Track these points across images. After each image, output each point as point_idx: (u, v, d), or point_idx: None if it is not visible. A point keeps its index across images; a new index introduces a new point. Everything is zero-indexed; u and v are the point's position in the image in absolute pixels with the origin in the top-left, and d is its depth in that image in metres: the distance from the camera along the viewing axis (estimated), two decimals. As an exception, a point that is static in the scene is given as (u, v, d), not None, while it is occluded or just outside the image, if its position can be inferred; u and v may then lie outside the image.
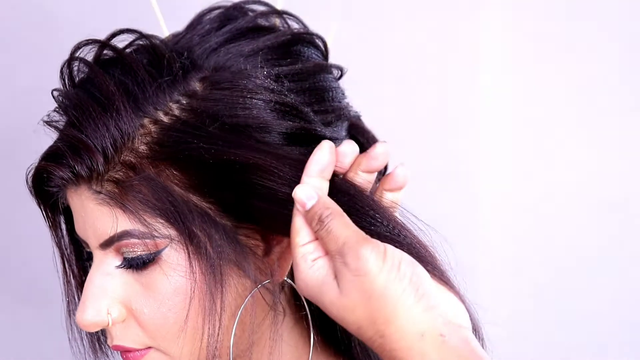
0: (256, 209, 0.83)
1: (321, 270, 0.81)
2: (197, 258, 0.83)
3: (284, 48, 0.90)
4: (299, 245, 0.82)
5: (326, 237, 0.80)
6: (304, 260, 0.81)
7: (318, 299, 0.81)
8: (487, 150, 1.50)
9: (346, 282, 0.78)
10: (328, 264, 0.81)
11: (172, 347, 0.85)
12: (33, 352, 1.44)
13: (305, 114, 0.87)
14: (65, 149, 0.83)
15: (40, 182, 0.86)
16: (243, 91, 0.84)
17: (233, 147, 0.82)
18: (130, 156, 0.83)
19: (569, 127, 1.49)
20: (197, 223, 0.83)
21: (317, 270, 0.81)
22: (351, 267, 0.78)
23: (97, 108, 0.83)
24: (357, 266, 0.77)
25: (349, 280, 0.78)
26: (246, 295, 0.86)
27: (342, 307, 0.79)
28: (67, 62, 0.87)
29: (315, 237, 0.82)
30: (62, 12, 1.39)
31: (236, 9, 0.92)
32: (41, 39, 1.38)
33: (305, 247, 0.82)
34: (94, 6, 1.41)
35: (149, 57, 0.85)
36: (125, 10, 1.37)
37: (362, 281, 0.78)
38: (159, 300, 0.84)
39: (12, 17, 1.40)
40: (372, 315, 0.78)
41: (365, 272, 0.77)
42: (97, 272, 0.86)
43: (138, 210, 0.83)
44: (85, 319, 0.85)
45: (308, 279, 0.81)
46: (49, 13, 1.39)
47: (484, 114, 1.50)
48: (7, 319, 1.43)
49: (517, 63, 1.49)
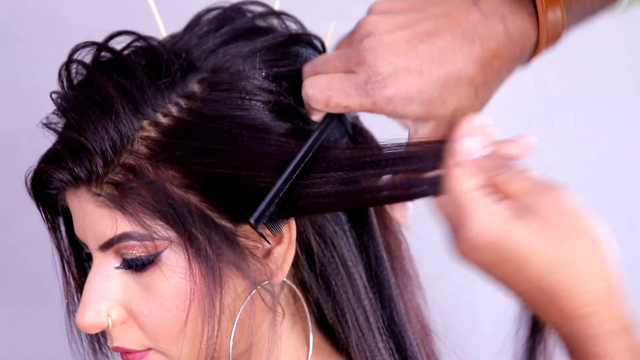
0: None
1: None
2: (196, 260, 0.83)
3: (281, 49, 0.90)
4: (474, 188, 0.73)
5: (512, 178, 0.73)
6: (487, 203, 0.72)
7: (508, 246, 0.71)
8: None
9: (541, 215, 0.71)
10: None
11: (172, 348, 0.85)
12: (34, 352, 1.44)
13: (303, 114, 0.87)
14: (64, 151, 0.83)
15: (40, 184, 0.86)
16: (241, 92, 0.85)
17: (232, 148, 0.83)
18: (130, 158, 0.83)
19: (569, 127, 1.49)
20: (197, 225, 0.83)
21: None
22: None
23: (95, 110, 0.83)
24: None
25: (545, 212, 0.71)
26: (245, 297, 0.86)
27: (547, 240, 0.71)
28: (65, 64, 0.87)
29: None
30: (62, 12, 1.40)
31: (234, 10, 0.92)
32: (41, 39, 1.38)
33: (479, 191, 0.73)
34: (94, 7, 1.41)
35: (147, 59, 0.86)
36: (127, 10, 1.37)
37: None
38: (159, 301, 0.84)
39: (12, 17, 1.40)
40: None
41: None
42: (96, 274, 0.86)
43: (137, 213, 0.83)
44: (85, 321, 0.85)
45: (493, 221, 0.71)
46: (49, 13, 1.40)
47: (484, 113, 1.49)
48: (7, 319, 1.43)
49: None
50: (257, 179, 0.83)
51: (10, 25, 1.40)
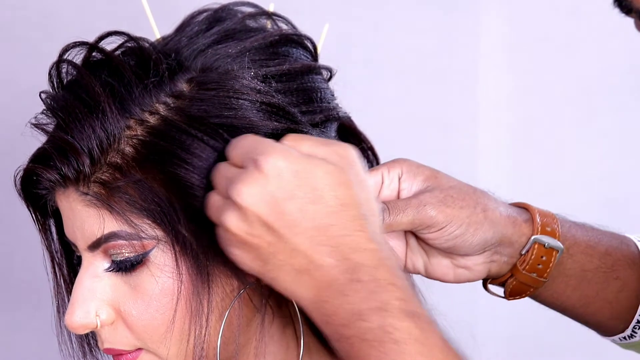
0: None
1: None
2: (183, 258, 0.83)
3: (271, 49, 0.89)
4: None
5: None
6: None
7: None
8: (486, 150, 1.50)
9: None
10: None
11: (160, 348, 0.85)
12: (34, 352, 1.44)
13: (292, 114, 0.87)
14: (52, 150, 0.83)
15: (29, 184, 0.87)
16: (229, 92, 0.84)
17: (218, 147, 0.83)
18: (117, 157, 0.83)
19: (569, 127, 1.49)
20: (184, 223, 0.83)
21: None
22: None
23: (83, 109, 0.83)
24: None
25: None
26: (234, 297, 0.86)
27: None
28: (56, 64, 0.87)
29: None
30: (62, 12, 1.40)
31: (225, 10, 0.91)
32: (41, 39, 1.39)
33: None
34: (94, 7, 1.41)
35: (136, 59, 0.85)
36: (125, 11, 1.37)
37: None
38: (147, 301, 0.84)
39: (12, 17, 1.40)
40: None
41: None
42: (85, 275, 0.86)
43: (125, 211, 0.83)
44: (73, 321, 0.85)
45: None
46: (49, 13, 1.40)
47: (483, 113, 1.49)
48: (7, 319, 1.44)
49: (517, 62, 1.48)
50: None
51: (10, 25, 1.40)
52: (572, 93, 1.48)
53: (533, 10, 1.47)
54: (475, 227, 0.88)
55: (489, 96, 1.49)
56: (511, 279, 0.92)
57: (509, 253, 0.91)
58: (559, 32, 1.46)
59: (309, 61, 0.93)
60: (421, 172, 0.91)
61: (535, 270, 0.91)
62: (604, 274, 0.94)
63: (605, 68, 1.46)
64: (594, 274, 0.94)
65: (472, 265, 0.91)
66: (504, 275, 0.93)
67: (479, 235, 0.88)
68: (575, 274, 0.93)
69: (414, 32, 1.47)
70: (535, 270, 0.91)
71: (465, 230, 0.88)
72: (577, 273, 0.93)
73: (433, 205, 0.87)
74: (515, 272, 0.91)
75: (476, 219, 0.88)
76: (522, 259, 0.91)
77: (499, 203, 0.91)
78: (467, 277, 0.92)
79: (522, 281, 0.91)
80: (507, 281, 0.93)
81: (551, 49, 1.46)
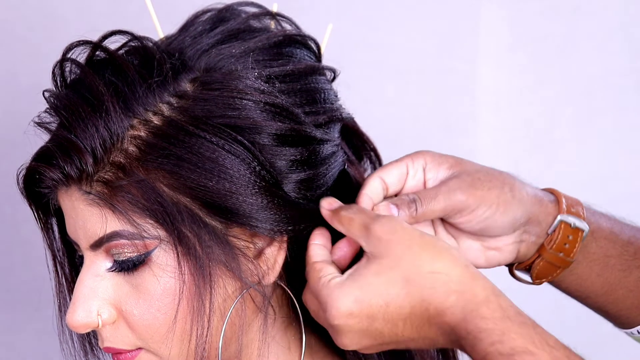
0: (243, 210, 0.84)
1: None
2: (186, 259, 0.83)
3: (275, 49, 0.89)
4: None
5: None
6: None
7: None
8: (486, 150, 1.50)
9: None
10: None
11: (161, 348, 0.85)
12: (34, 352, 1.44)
13: (295, 115, 0.87)
14: (55, 149, 0.83)
15: (32, 183, 0.86)
16: (233, 92, 0.84)
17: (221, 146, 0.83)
18: (120, 157, 0.83)
19: (569, 127, 1.49)
20: (186, 223, 0.83)
21: None
22: None
23: (86, 108, 0.83)
24: None
25: None
26: (236, 297, 0.86)
27: None
28: (59, 62, 0.87)
29: None
30: (62, 12, 1.40)
31: (228, 10, 0.92)
32: (41, 39, 1.39)
33: None
34: (94, 7, 1.41)
35: (140, 59, 0.85)
36: (126, 10, 1.37)
37: None
38: (148, 301, 0.84)
39: (12, 17, 1.40)
40: None
41: None
42: (87, 274, 0.86)
43: (127, 211, 0.83)
44: (75, 320, 0.85)
45: None
46: (49, 13, 1.40)
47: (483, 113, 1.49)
48: (7, 319, 1.44)
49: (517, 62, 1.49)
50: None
51: (10, 25, 1.40)
52: (572, 93, 1.48)
53: (533, 10, 1.47)
54: (505, 207, 0.88)
55: (489, 96, 1.49)
56: (538, 259, 0.92)
57: (537, 232, 0.91)
58: (559, 32, 1.46)
59: (312, 62, 0.93)
60: (445, 161, 0.91)
61: (562, 249, 0.91)
62: (626, 262, 0.95)
63: (605, 68, 1.46)
64: (617, 260, 0.94)
65: (503, 246, 0.91)
66: (531, 257, 0.93)
67: (509, 214, 0.89)
68: (598, 259, 0.94)
69: (414, 32, 1.47)
70: (562, 250, 0.91)
71: (495, 210, 0.88)
72: (600, 258, 0.94)
73: (463, 190, 0.88)
74: (543, 252, 0.92)
75: (505, 198, 0.88)
76: (549, 238, 0.91)
77: (525, 184, 0.92)
78: (497, 259, 0.92)
79: (549, 261, 0.92)
80: (533, 263, 0.93)
81: (551, 49, 1.46)
